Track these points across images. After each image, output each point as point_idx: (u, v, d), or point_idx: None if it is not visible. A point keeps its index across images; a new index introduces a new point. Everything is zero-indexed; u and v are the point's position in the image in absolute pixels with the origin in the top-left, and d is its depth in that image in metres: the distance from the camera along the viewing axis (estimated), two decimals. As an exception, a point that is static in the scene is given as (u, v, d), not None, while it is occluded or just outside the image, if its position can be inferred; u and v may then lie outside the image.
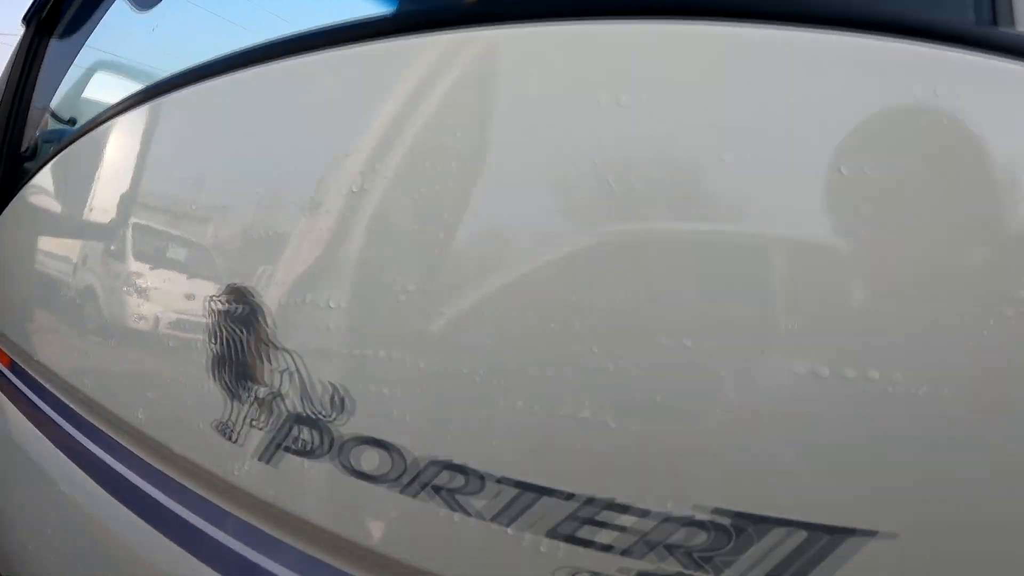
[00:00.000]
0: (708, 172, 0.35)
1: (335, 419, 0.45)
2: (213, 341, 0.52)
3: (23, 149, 1.07)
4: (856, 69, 0.33)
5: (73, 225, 0.84)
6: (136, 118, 0.77)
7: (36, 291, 0.90)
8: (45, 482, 0.85)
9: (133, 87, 1.00)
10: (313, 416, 0.46)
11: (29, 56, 1.03)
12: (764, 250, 0.34)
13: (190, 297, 0.55)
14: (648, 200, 0.36)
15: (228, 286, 0.51)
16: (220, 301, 0.51)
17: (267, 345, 0.48)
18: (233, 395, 0.51)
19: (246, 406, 0.50)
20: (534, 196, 0.39)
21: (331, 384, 0.45)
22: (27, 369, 0.92)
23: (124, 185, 0.73)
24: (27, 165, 1.06)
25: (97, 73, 1.09)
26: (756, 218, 0.34)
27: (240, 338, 0.50)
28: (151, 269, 0.63)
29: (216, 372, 0.52)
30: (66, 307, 0.80)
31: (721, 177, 0.34)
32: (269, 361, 0.48)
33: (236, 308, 0.50)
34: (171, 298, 0.59)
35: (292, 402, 0.47)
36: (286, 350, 0.47)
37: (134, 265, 0.66)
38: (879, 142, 0.32)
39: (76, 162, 0.89)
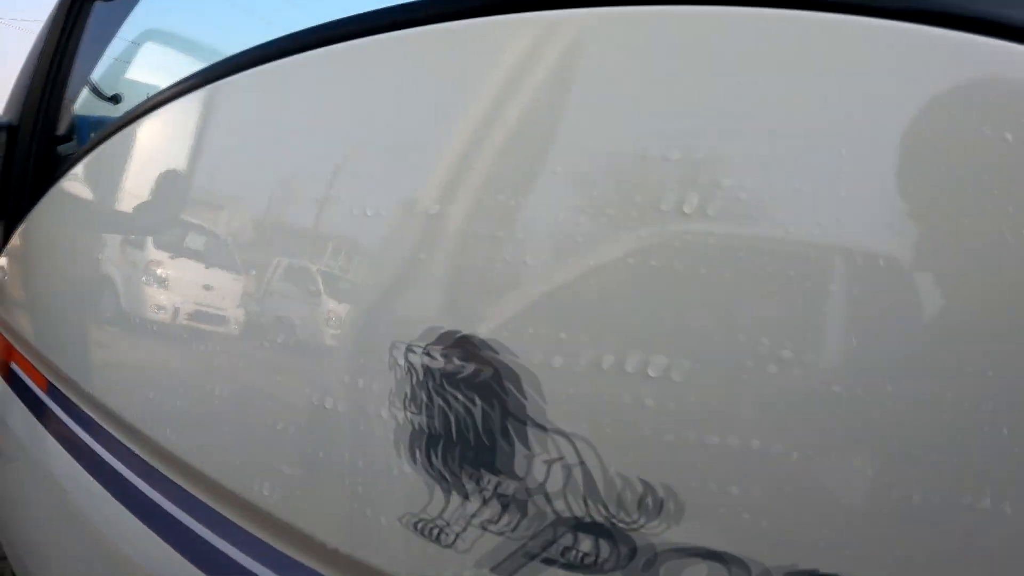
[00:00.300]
0: None
1: (644, 526, 0.32)
2: (413, 409, 0.37)
3: (59, 129, 0.90)
4: None
5: (137, 224, 0.68)
6: (220, 95, 0.62)
7: (81, 304, 0.74)
8: (100, 537, 0.70)
9: (195, 60, 0.84)
10: (606, 522, 0.33)
11: (70, 19, 0.86)
12: None
13: (364, 341, 0.40)
14: None
15: (447, 335, 0.36)
16: (430, 355, 0.37)
17: (526, 424, 0.34)
18: (449, 486, 0.37)
19: (474, 502, 0.36)
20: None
21: (643, 481, 0.32)
22: (71, 397, 0.77)
23: (221, 174, 0.58)
24: (63, 148, 0.90)
25: (149, 43, 0.93)
26: None
27: (471, 411, 0.36)
28: (278, 295, 0.47)
29: (419, 452, 0.38)
30: (130, 330, 0.64)
31: None
32: (527, 446, 0.34)
33: (463, 368, 0.36)
34: (322, 336, 0.44)
35: (567, 502, 0.33)
36: (563, 433, 0.33)
37: (245, 284, 0.51)
38: None
39: (135, 147, 0.73)
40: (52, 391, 0.81)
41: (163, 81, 0.71)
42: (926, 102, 0.28)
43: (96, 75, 0.91)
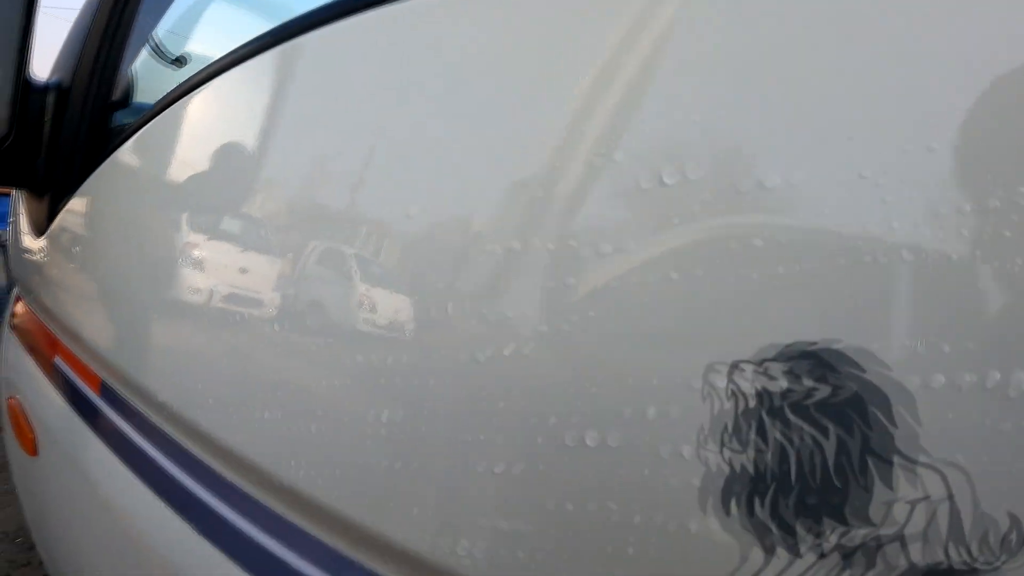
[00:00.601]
0: None
1: (1004, 564, 0.25)
2: (736, 446, 0.28)
3: (115, 95, 0.79)
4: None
5: (229, 201, 0.57)
6: (309, 51, 0.52)
7: (154, 297, 0.63)
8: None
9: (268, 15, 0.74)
10: (964, 565, 0.26)
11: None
12: None
13: (657, 360, 0.30)
14: None
15: (793, 349, 0.27)
16: (770, 375, 0.28)
17: (891, 454, 0.26)
18: (775, 540, 0.28)
19: (808, 557, 0.27)
20: None
21: (1010, 515, 0.25)
22: (135, 404, 0.66)
23: (346, 139, 0.48)
24: (120, 115, 0.79)
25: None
26: None
27: (819, 444, 0.27)
28: (504, 301, 0.35)
29: (736, 501, 0.28)
30: (231, 332, 0.53)
31: None
32: (889, 482, 0.26)
33: (816, 390, 0.27)
34: (585, 357, 0.32)
35: (925, 547, 0.26)
36: (934, 465, 0.25)
37: (435, 270, 0.39)
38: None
39: (212, 111, 0.63)
40: (108, 394, 0.70)
41: (234, 39, 0.61)
42: None
43: (160, 32, 0.80)
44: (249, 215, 0.54)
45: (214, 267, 0.55)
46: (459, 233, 0.36)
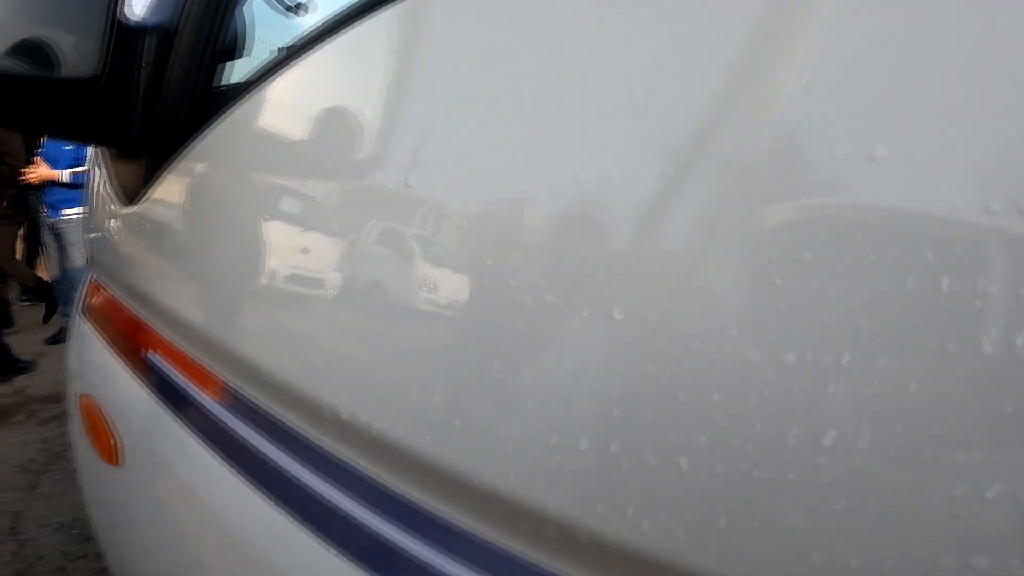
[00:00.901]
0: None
1: None
2: None
3: (224, 42, 0.66)
4: None
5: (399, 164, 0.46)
6: None
7: (336, 282, 0.50)
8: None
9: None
10: None
11: None
12: None
13: None
14: None
15: None
16: None
17: None
18: None
19: None
20: None
21: None
22: (290, 421, 0.54)
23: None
24: (236, 64, 0.66)
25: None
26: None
27: None
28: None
29: None
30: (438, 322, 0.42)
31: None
32: None
33: None
34: None
35: None
36: None
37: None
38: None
39: (354, 58, 0.52)
40: (237, 404, 0.58)
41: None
42: None
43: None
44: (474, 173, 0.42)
45: (426, 248, 0.43)
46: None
